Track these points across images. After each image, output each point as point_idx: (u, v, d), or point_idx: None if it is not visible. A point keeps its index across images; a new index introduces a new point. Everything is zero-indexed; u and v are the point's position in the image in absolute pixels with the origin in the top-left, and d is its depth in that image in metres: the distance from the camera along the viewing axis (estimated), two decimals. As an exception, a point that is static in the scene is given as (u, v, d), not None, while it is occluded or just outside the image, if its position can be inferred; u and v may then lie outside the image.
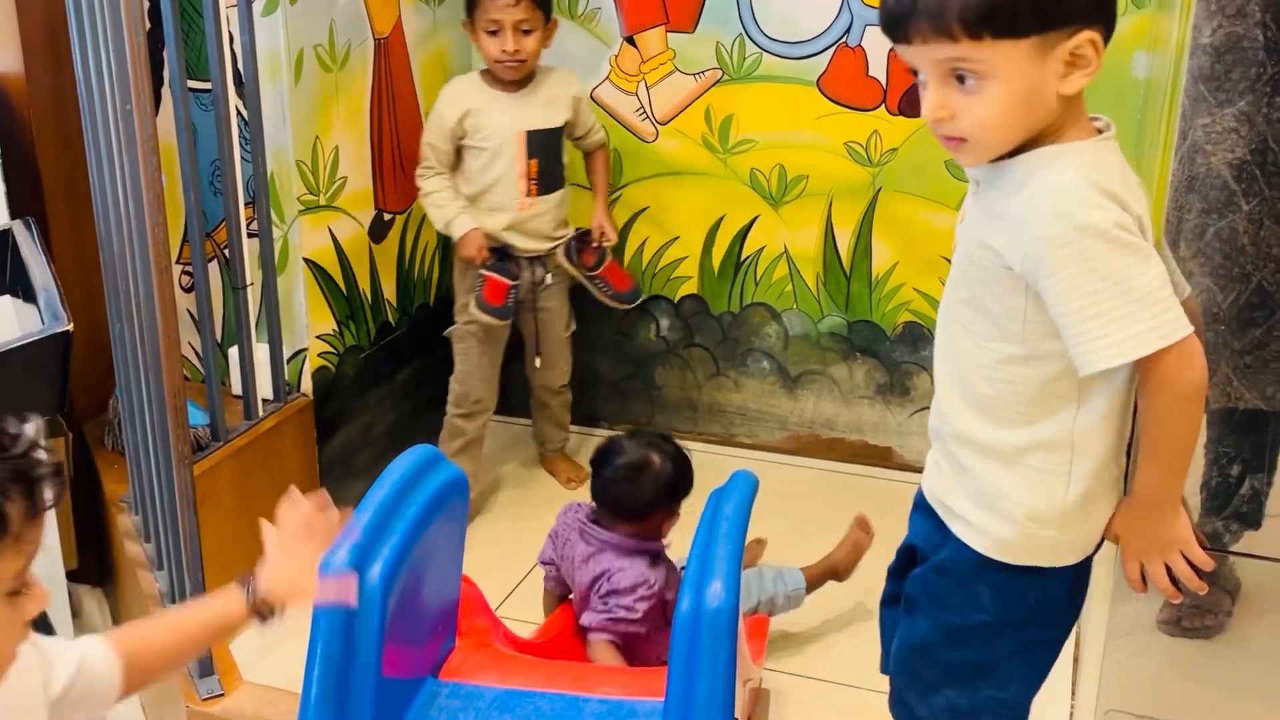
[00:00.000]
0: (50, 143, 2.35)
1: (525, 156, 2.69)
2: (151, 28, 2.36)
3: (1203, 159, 1.54)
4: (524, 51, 2.62)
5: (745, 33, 2.87)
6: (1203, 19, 1.49)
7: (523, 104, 2.70)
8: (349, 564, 1.42)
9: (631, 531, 2.01)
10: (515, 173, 2.70)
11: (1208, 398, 1.63)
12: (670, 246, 3.08)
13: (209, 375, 2.41)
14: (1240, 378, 1.62)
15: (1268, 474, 1.67)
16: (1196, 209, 1.56)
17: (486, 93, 2.69)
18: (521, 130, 2.68)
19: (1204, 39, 1.50)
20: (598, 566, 1.98)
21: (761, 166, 2.96)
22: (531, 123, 2.70)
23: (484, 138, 2.68)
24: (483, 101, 2.68)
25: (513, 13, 2.58)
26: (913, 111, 2.82)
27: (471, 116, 2.68)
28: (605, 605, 1.94)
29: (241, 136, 2.47)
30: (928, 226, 2.87)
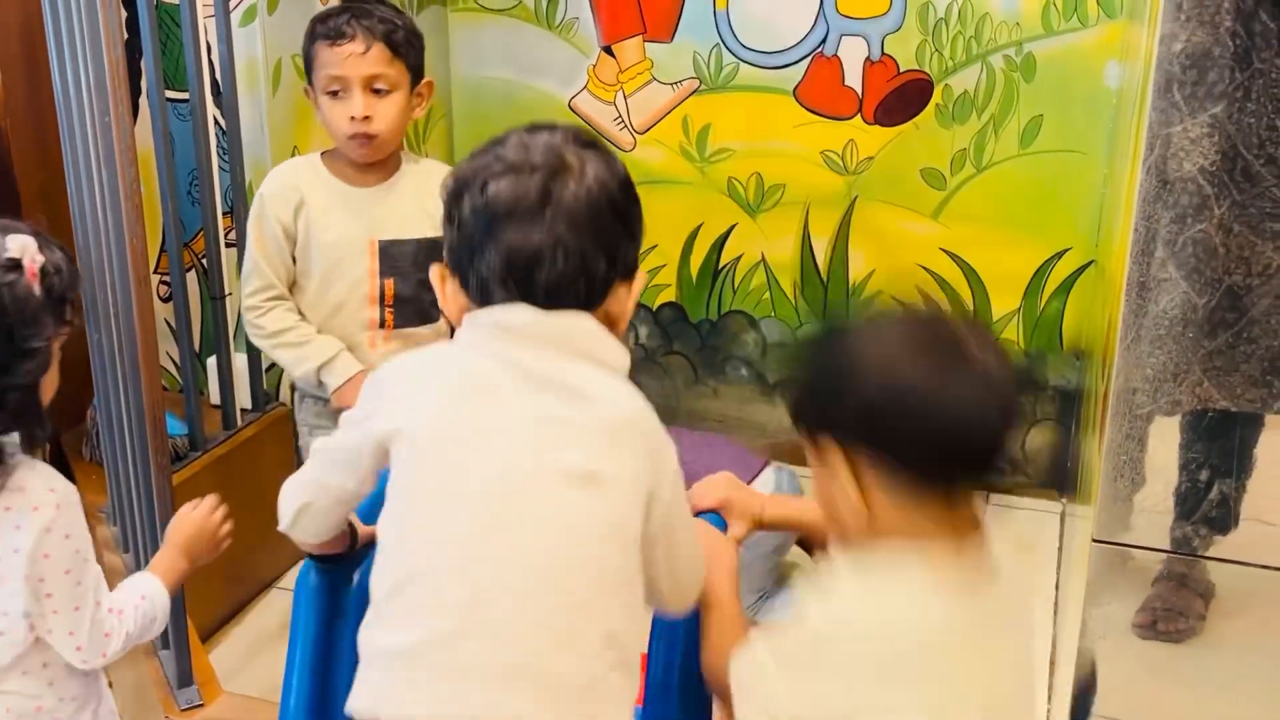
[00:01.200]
0: (27, 152, 2.35)
1: (377, 275, 2.01)
2: (129, 37, 2.37)
3: (1176, 165, 1.56)
4: (377, 120, 1.92)
5: (722, 42, 2.89)
6: (1176, 27, 1.52)
7: (377, 202, 2.01)
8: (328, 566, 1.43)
9: None
10: (361, 296, 2.02)
11: (1180, 402, 1.65)
12: (648, 255, 3.09)
13: (187, 385, 2.41)
14: (1211, 380, 1.64)
15: (1236, 478, 1.69)
16: (1171, 214, 1.58)
17: (327, 182, 2.00)
18: (372, 238, 2.00)
19: (1177, 46, 1.52)
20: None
21: (739, 175, 2.97)
22: (387, 229, 2.00)
23: (321, 245, 1.99)
24: (321, 194, 1.99)
25: (361, 65, 1.90)
26: (888, 121, 2.84)
27: (305, 213, 1.98)
28: None
29: (219, 146, 2.48)
30: (904, 235, 2.90)
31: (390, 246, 2.00)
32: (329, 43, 1.91)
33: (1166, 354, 1.62)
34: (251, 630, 2.46)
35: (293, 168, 2.05)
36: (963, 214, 2.85)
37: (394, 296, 2.01)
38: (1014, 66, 2.73)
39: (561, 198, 1.16)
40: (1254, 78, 1.53)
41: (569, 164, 1.18)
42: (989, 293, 2.90)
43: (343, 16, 1.93)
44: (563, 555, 1.15)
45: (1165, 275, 1.60)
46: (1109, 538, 1.68)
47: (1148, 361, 1.62)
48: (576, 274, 1.17)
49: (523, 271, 1.16)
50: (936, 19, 2.74)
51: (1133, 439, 1.62)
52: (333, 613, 1.43)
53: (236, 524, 2.48)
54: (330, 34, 1.91)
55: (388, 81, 1.93)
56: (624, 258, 1.22)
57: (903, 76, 2.81)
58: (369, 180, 2.01)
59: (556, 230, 1.15)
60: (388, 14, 1.95)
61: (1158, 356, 1.62)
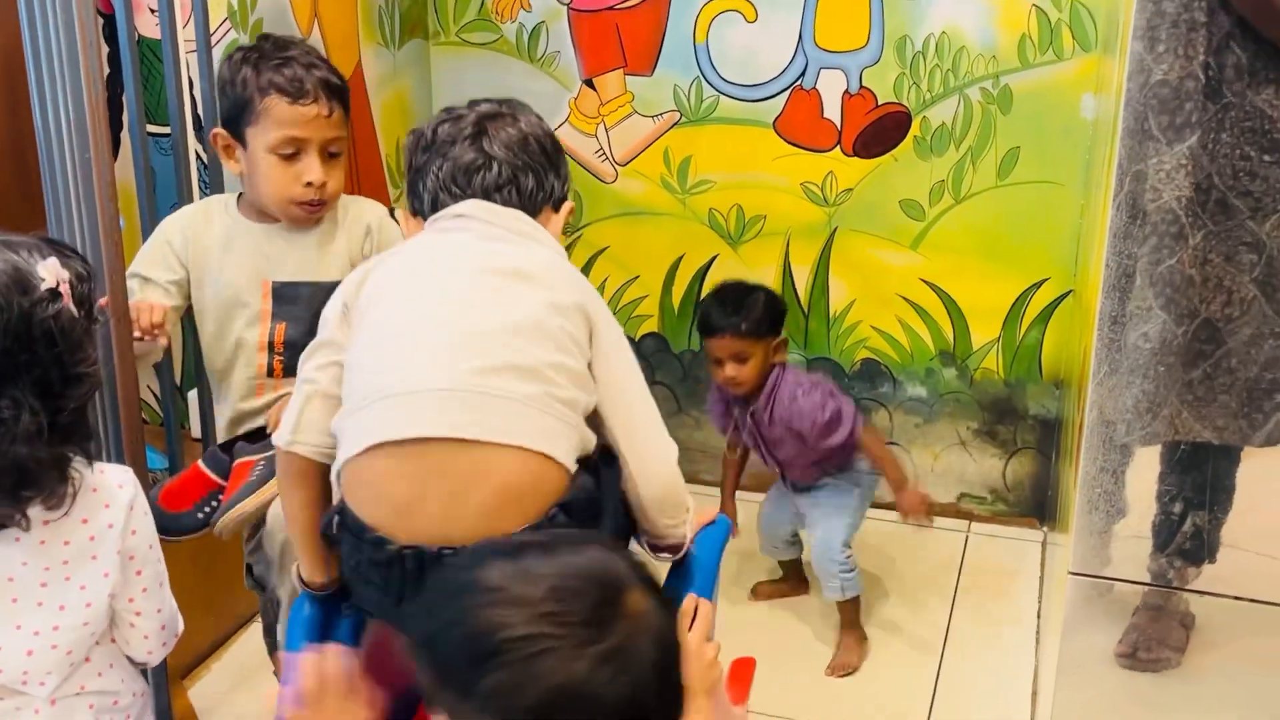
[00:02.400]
0: (8, 186, 2.35)
1: (269, 317, 1.89)
2: (110, 72, 2.38)
3: (1154, 196, 1.58)
4: (331, 185, 1.85)
5: (702, 75, 2.91)
6: (1144, 64, 1.54)
7: (278, 240, 1.89)
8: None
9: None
10: (252, 339, 1.89)
11: (1158, 433, 1.67)
12: (631, 285, 3.10)
13: (168, 419, 2.40)
14: (1190, 411, 1.65)
15: (1209, 510, 1.70)
16: (1148, 246, 1.60)
17: (234, 219, 1.91)
18: (265, 279, 1.88)
19: (1155, 77, 1.54)
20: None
21: (720, 207, 2.99)
22: (282, 270, 1.88)
23: (214, 283, 1.89)
24: (220, 230, 1.90)
25: (324, 128, 1.80)
26: (867, 153, 2.87)
27: (200, 245, 1.89)
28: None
29: (201, 180, 2.48)
30: (883, 265, 2.91)
31: (284, 289, 1.87)
32: (289, 99, 1.78)
33: (1144, 385, 1.64)
34: (232, 666, 2.45)
35: (203, 205, 1.98)
36: (942, 244, 2.87)
37: (283, 342, 1.88)
38: (991, 99, 2.75)
39: (495, 131, 1.47)
40: (1226, 110, 1.55)
41: (502, 113, 1.51)
42: (968, 322, 2.91)
43: (294, 67, 1.81)
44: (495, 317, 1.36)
45: (1143, 306, 1.61)
46: (1086, 570, 1.68)
47: (1126, 392, 1.64)
48: (508, 182, 1.45)
49: (464, 177, 1.45)
50: (914, 52, 2.77)
51: (1106, 471, 1.63)
52: (325, 641, 1.43)
53: (215, 558, 2.48)
54: (291, 90, 1.78)
55: (341, 145, 1.86)
56: (550, 185, 1.50)
57: (881, 109, 2.83)
58: (275, 218, 1.90)
59: (490, 149, 1.45)
60: (327, 64, 1.87)
61: (1136, 387, 1.64)
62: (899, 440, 3.04)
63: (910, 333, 2.96)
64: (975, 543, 2.96)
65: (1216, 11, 1.52)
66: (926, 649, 2.54)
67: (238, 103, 1.81)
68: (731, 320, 2.40)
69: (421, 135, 1.52)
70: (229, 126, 1.84)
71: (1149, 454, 1.64)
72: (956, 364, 2.96)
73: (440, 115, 1.53)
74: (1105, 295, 1.57)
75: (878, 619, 2.62)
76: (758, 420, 2.46)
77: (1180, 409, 1.64)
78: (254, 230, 1.90)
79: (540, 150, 1.50)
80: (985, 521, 3.02)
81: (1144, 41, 1.53)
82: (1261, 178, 1.55)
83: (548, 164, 1.51)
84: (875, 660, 2.51)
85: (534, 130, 1.51)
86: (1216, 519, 1.67)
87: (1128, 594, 1.72)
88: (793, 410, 2.41)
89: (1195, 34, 1.53)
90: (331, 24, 2.70)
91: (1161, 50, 1.54)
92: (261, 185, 1.83)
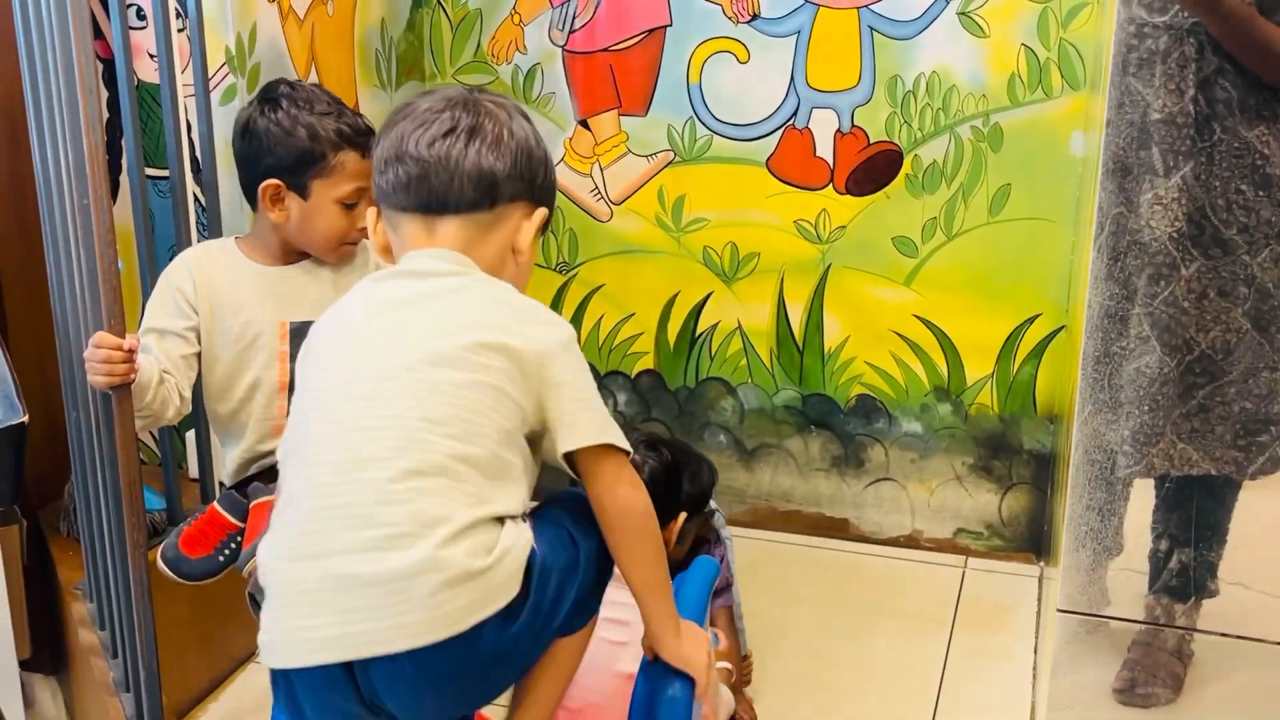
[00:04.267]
0: (9, 230, 2.37)
1: (287, 358, 1.89)
2: (110, 116, 2.40)
3: (1149, 230, 1.60)
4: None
5: (696, 115, 2.94)
6: (1147, 95, 1.56)
7: (291, 282, 1.92)
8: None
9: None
10: (272, 383, 1.92)
11: (1153, 465, 1.68)
12: (626, 323, 3.12)
13: (165, 459, 2.42)
14: (1188, 443, 1.66)
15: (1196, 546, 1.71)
16: (1145, 276, 1.61)
17: (239, 264, 1.93)
18: (283, 321, 1.90)
19: (1148, 114, 1.56)
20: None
21: (714, 244, 3.01)
22: (299, 310, 1.90)
23: (228, 329, 1.89)
24: (229, 275, 1.91)
25: (370, 179, 1.75)
26: (860, 191, 2.89)
27: (211, 294, 1.89)
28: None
29: (199, 222, 2.50)
30: (877, 301, 2.93)
31: (302, 328, 1.80)
32: (360, 153, 1.84)
33: (1140, 418, 1.65)
34: (228, 707, 2.45)
35: (204, 249, 1.96)
36: (935, 281, 2.89)
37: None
38: (981, 137, 2.78)
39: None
40: (1217, 145, 1.57)
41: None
42: (962, 358, 2.93)
43: (349, 117, 1.88)
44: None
45: (1138, 338, 1.62)
46: (1074, 607, 1.69)
47: (1123, 425, 1.65)
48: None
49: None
50: (905, 91, 2.80)
51: (1093, 508, 1.64)
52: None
53: (211, 597, 2.48)
54: (361, 144, 1.84)
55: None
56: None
57: (873, 147, 2.86)
58: (288, 259, 1.93)
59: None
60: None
61: (1133, 419, 1.65)
62: (895, 476, 3.05)
63: (905, 368, 2.98)
64: (972, 578, 2.96)
65: (1205, 48, 1.55)
66: (922, 684, 2.54)
67: (303, 154, 1.82)
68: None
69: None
70: (284, 174, 1.83)
71: (1139, 489, 1.65)
72: (951, 399, 2.97)
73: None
74: (1088, 335, 1.58)
75: (873, 654, 2.62)
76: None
77: (1175, 441, 1.65)
78: (265, 272, 1.91)
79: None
80: (981, 557, 3.03)
81: (1116, 94, 1.56)
82: (1254, 212, 1.57)
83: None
84: (871, 696, 2.50)
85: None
86: (1203, 555, 1.67)
87: (1120, 630, 1.73)
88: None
89: (1185, 70, 1.56)
90: (328, 67, 2.74)
91: (1157, 85, 1.56)
92: (319, 230, 1.85)
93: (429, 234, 1.36)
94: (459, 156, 1.33)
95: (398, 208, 1.36)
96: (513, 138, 1.38)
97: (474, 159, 1.33)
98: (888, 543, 3.08)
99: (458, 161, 1.33)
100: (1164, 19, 1.56)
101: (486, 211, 1.36)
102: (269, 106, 1.85)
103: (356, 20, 2.83)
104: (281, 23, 2.58)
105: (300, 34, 2.64)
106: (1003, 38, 2.72)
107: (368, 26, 2.88)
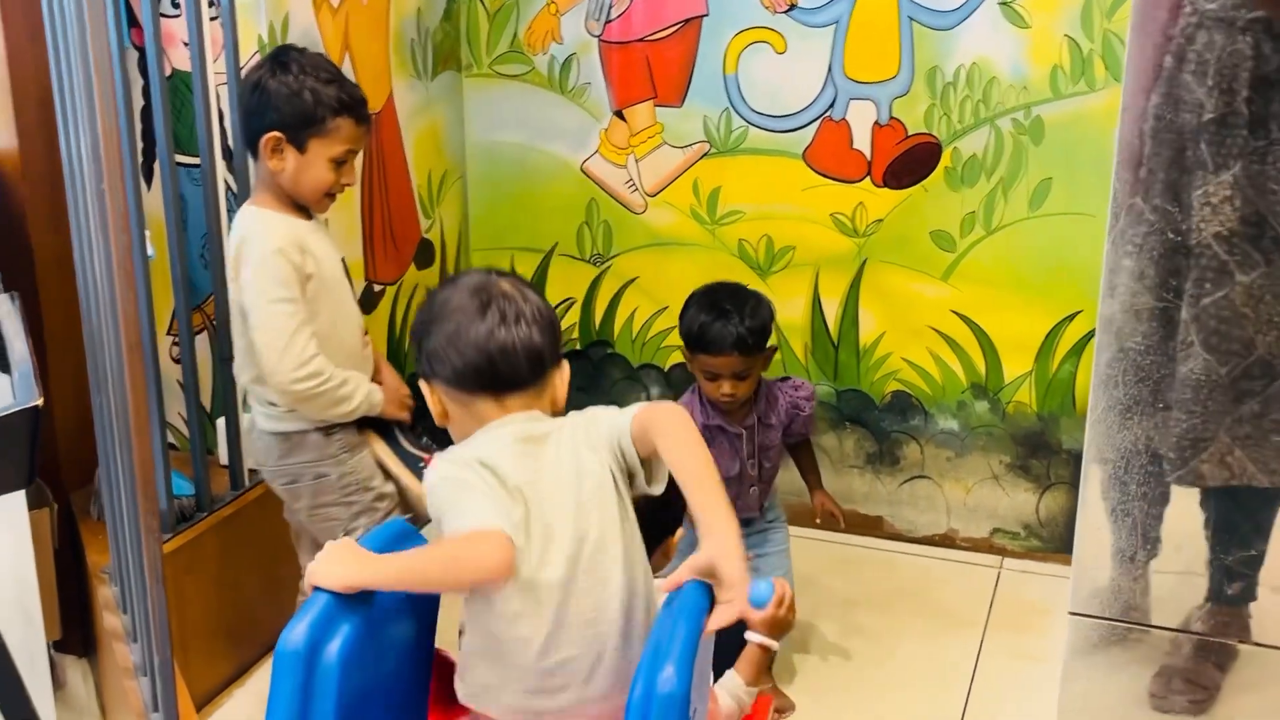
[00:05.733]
0: (43, 218, 2.39)
1: (351, 290, 2.23)
2: (145, 103, 2.42)
3: (1196, 231, 1.55)
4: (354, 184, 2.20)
5: (732, 106, 2.91)
6: (1203, 95, 1.52)
7: (312, 229, 2.15)
8: (307, 640, 1.42)
9: None
10: (353, 310, 2.21)
11: (1204, 473, 1.62)
12: (660, 316, 3.10)
13: (194, 445, 2.43)
14: (1243, 449, 1.61)
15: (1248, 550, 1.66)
16: (1192, 279, 1.57)
17: (296, 224, 2.11)
18: (340, 258, 2.20)
19: (1206, 116, 1.52)
20: None
21: (749, 237, 2.98)
22: (339, 251, 2.22)
23: (325, 281, 2.12)
24: (299, 227, 2.10)
25: (364, 141, 2.14)
26: (897, 184, 2.85)
27: (311, 258, 2.09)
28: None
29: (229, 208, 2.51)
30: (914, 296, 2.89)
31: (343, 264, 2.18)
32: (355, 121, 2.07)
33: (1188, 423, 1.60)
34: (253, 694, 2.46)
35: (269, 220, 2.09)
36: (973, 276, 2.85)
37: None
38: (1022, 129, 2.73)
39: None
40: (1271, 145, 1.51)
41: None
42: (1000, 355, 2.88)
43: (350, 88, 2.08)
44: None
45: (1190, 340, 1.57)
46: (1087, 610, 1.65)
47: (1174, 428, 1.60)
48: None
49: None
50: (944, 83, 2.76)
51: (1116, 511, 1.60)
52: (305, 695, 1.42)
53: (240, 584, 2.50)
54: (358, 114, 2.08)
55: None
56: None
57: (911, 139, 2.82)
58: (315, 211, 2.16)
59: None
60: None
61: (1181, 425, 1.60)
62: (930, 474, 3.00)
63: (941, 365, 2.93)
64: (1007, 579, 2.91)
65: (1263, 43, 1.49)
66: (952, 685, 2.50)
67: (304, 114, 2.03)
68: (738, 335, 2.28)
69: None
70: (286, 130, 2.04)
71: (1159, 494, 1.61)
72: (989, 397, 2.92)
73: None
74: (1103, 331, 1.54)
75: (904, 653, 2.58)
76: (762, 427, 2.41)
77: (1233, 446, 1.60)
78: (298, 223, 2.11)
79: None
80: (1018, 557, 2.97)
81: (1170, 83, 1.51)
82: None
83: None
84: (900, 695, 2.47)
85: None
86: (1240, 563, 1.63)
87: (1135, 635, 1.68)
88: (796, 404, 2.39)
89: (1240, 68, 1.51)
90: (363, 56, 2.74)
91: (1212, 85, 1.51)
92: (309, 182, 2.08)
93: (500, 407, 1.54)
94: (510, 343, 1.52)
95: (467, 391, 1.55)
96: (539, 311, 1.56)
97: (525, 341, 1.53)
98: (922, 541, 3.04)
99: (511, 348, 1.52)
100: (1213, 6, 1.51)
101: (540, 380, 1.55)
102: (279, 69, 2.05)
103: (392, 10, 2.83)
104: (315, 12, 2.58)
105: (334, 23, 2.64)
106: (1045, 28, 2.67)
107: (403, 16, 2.88)
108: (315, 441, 2.12)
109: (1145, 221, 1.57)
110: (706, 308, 2.33)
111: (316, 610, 1.45)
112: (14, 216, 2.39)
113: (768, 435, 2.43)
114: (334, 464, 2.14)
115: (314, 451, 2.13)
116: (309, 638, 1.43)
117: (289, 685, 1.42)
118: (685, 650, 1.38)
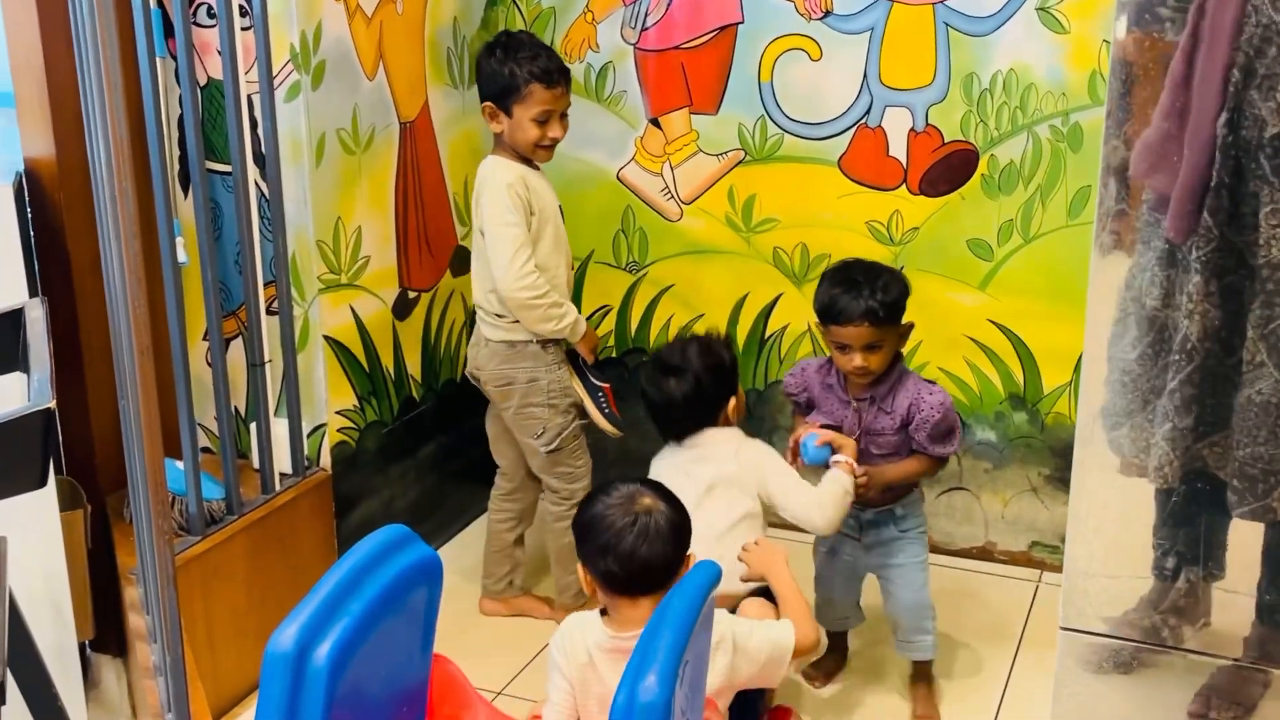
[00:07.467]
0: (79, 225, 2.44)
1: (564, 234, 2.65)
2: (182, 112, 2.46)
3: (1265, 251, 1.52)
4: (562, 137, 2.59)
5: (767, 114, 2.89)
6: (1268, 114, 1.49)
7: (537, 174, 2.60)
8: (296, 645, 1.43)
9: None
10: (566, 250, 2.66)
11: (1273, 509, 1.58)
12: (695, 324, 3.09)
13: (224, 449, 2.47)
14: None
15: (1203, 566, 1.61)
16: (1261, 299, 1.54)
17: (518, 165, 2.56)
18: (558, 205, 2.63)
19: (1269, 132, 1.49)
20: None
21: (784, 245, 2.96)
22: (557, 199, 2.64)
23: (544, 213, 2.57)
24: (526, 172, 2.56)
25: (562, 101, 2.55)
26: (934, 191, 2.81)
27: (531, 191, 2.55)
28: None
29: (263, 217, 2.55)
30: (951, 305, 2.85)
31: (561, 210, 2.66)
32: (545, 85, 2.51)
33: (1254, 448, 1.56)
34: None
35: (502, 163, 2.55)
36: (1011, 285, 2.80)
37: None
38: (1060, 136, 2.68)
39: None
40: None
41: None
42: (1039, 366, 2.83)
43: (548, 60, 2.53)
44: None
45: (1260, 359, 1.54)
46: (1078, 626, 1.61)
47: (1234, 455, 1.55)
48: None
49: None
50: (981, 89, 2.72)
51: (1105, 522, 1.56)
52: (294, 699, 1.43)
53: (268, 588, 2.53)
54: (547, 78, 2.51)
55: (568, 108, 2.59)
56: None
57: (947, 147, 2.78)
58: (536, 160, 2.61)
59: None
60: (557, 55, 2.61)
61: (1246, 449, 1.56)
62: (968, 485, 2.96)
63: (979, 375, 2.89)
64: (1045, 592, 2.85)
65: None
66: (984, 698, 2.46)
67: (506, 86, 2.52)
68: (868, 306, 2.26)
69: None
70: (496, 100, 2.53)
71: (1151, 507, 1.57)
72: (1027, 408, 2.87)
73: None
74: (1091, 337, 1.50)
75: (938, 665, 2.54)
76: (877, 407, 2.35)
77: None
78: (525, 169, 2.56)
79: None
80: (1057, 571, 2.89)
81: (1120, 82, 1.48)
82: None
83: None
84: (928, 712, 2.43)
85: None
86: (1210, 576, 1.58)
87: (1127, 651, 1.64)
88: (919, 401, 2.31)
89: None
90: (397, 66, 2.76)
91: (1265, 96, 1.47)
92: (521, 138, 2.53)
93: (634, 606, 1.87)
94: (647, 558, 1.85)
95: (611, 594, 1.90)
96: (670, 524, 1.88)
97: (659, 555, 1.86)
98: (959, 553, 2.99)
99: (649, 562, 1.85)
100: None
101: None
102: (490, 52, 2.55)
103: (427, 19, 2.85)
104: (348, 21, 2.61)
105: (368, 32, 2.67)
106: (1084, 33, 2.62)
107: (439, 25, 2.90)
108: (534, 351, 2.59)
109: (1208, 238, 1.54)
110: (839, 281, 2.32)
111: (307, 613, 1.46)
112: (51, 223, 2.44)
113: (878, 420, 2.34)
114: (546, 371, 2.60)
115: (531, 360, 2.59)
116: (298, 641, 1.44)
117: (278, 688, 1.42)
118: (669, 659, 1.37)
